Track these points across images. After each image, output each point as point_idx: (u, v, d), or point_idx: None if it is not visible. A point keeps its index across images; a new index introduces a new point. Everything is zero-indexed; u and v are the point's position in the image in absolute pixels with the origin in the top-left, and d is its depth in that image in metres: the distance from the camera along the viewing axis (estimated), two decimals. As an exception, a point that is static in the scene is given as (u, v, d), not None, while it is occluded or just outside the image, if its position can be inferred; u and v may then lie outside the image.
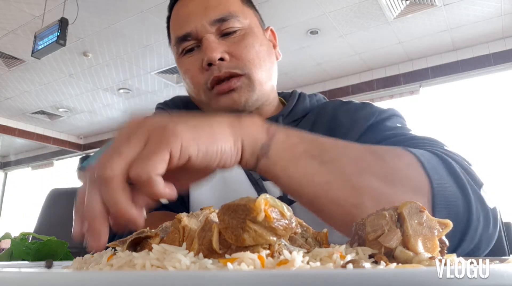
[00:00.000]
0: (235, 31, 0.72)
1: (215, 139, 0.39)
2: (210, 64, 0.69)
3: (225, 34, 0.72)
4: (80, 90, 5.11)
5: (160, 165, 0.33)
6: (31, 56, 2.96)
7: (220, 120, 0.42)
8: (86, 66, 4.39)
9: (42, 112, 5.92)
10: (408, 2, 3.31)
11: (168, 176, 0.34)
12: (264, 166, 0.44)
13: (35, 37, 2.93)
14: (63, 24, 2.75)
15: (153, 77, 4.73)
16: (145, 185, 0.33)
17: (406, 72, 4.46)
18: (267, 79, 0.74)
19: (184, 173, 0.39)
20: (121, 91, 5.15)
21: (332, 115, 0.76)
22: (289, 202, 0.64)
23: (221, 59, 0.69)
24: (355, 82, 4.69)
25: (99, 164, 0.34)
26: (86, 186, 0.34)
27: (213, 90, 0.70)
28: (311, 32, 3.75)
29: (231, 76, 0.69)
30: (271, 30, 0.84)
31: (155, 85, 4.97)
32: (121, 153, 0.34)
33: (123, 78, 4.76)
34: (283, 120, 0.77)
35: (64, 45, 2.76)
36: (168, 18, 0.80)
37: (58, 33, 2.71)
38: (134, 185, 0.34)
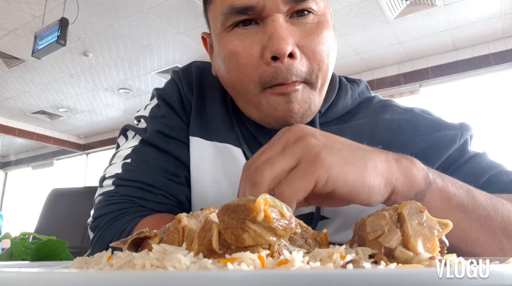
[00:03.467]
0: (308, 14, 0.56)
1: (365, 176, 0.37)
2: (274, 57, 0.54)
3: (296, 14, 0.56)
4: (80, 90, 5.12)
5: (301, 194, 0.35)
6: (31, 56, 2.96)
7: (376, 156, 0.40)
8: (86, 66, 4.39)
9: (42, 112, 5.92)
10: (408, 2, 3.30)
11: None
12: None
13: (35, 37, 2.93)
14: (63, 24, 2.75)
15: (153, 77, 4.73)
16: (285, 200, 0.34)
17: (406, 72, 4.46)
18: (327, 81, 0.62)
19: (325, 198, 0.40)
20: (121, 91, 5.15)
21: (390, 131, 0.64)
22: (321, 218, 0.61)
23: (290, 55, 0.54)
24: (355, 82, 4.68)
25: (251, 165, 0.39)
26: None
27: (269, 89, 0.57)
28: (311, 32, 3.75)
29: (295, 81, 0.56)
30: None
31: (155, 85, 4.96)
32: (273, 165, 0.37)
33: (123, 78, 4.76)
34: (319, 117, 0.65)
35: (64, 45, 2.76)
36: None
37: (58, 33, 2.71)
38: None
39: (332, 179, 0.36)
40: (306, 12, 0.56)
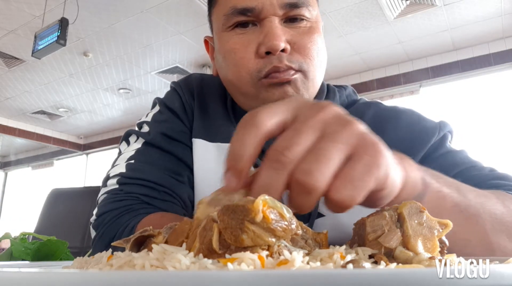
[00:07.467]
0: (301, 20, 0.63)
1: (399, 172, 0.33)
2: (268, 52, 0.60)
3: (290, 21, 0.63)
4: (80, 90, 5.12)
5: (363, 195, 0.28)
6: (32, 56, 2.96)
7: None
8: (86, 66, 4.39)
9: (42, 112, 5.92)
10: (408, 2, 3.30)
11: None
12: None
13: (35, 37, 2.93)
14: (63, 24, 2.75)
15: (153, 77, 4.73)
16: (338, 206, 0.28)
17: (406, 72, 4.46)
18: (320, 79, 0.67)
19: None
20: (121, 91, 5.15)
21: (373, 122, 0.64)
22: (318, 215, 0.62)
23: (283, 50, 0.60)
24: (355, 82, 4.69)
25: (290, 160, 0.28)
26: (267, 165, 0.29)
27: (265, 79, 0.61)
28: (311, 32, 3.75)
29: (289, 68, 0.61)
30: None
31: (155, 85, 4.97)
32: (329, 160, 0.28)
33: (123, 78, 4.76)
34: None
35: (64, 45, 2.76)
36: None
37: (58, 33, 2.72)
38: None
39: (391, 181, 0.30)
40: (299, 19, 0.63)
